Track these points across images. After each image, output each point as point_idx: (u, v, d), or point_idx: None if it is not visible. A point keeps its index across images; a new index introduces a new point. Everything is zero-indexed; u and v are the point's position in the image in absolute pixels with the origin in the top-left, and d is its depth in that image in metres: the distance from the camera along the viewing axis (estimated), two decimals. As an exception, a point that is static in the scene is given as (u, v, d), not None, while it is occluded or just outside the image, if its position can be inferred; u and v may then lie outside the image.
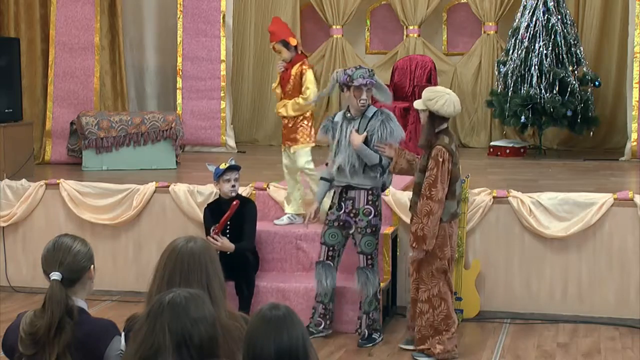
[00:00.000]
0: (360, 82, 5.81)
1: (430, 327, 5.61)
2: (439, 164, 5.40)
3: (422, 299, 5.61)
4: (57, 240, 3.12)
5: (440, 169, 5.39)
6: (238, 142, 10.43)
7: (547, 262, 6.63)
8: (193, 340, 2.51)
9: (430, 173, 5.41)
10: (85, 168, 8.67)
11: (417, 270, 5.64)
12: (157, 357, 2.51)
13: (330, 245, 6.03)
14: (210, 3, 10.03)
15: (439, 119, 5.47)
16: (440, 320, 5.60)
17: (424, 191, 5.42)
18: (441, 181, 5.40)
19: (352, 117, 5.93)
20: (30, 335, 2.96)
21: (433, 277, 5.57)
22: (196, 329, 2.53)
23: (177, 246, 2.99)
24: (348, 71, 5.90)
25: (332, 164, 5.99)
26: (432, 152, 5.43)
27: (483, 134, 10.71)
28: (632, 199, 6.50)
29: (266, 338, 2.53)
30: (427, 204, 5.40)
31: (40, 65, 9.55)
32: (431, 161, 5.42)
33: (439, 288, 5.58)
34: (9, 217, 7.50)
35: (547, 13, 9.14)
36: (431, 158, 5.42)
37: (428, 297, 5.59)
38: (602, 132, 10.02)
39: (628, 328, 6.35)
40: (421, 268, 5.60)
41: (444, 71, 10.78)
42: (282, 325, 2.57)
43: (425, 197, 5.41)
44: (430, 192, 5.40)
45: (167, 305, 2.58)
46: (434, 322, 5.60)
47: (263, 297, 6.34)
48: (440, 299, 5.58)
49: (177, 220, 7.21)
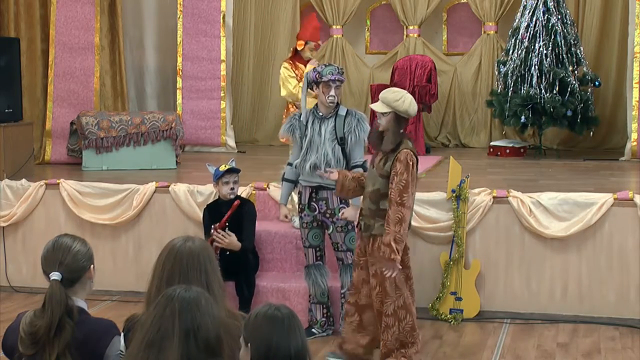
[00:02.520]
0: (329, 77, 5.76)
1: (396, 341, 5.28)
2: (409, 168, 5.06)
3: (388, 312, 5.25)
4: (57, 240, 3.12)
5: (410, 174, 5.06)
6: (238, 142, 10.43)
7: (547, 262, 6.63)
8: (201, 332, 2.51)
9: (401, 178, 5.04)
10: (85, 168, 8.67)
11: (381, 283, 5.23)
12: (163, 342, 2.52)
13: (316, 246, 6.03)
14: (210, 3, 10.03)
15: (405, 120, 5.22)
16: (406, 333, 5.28)
17: (395, 197, 5.03)
18: (412, 186, 5.08)
19: (324, 116, 5.85)
20: (30, 335, 2.97)
21: (397, 288, 5.23)
22: (205, 322, 2.53)
23: (176, 246, 2.99)
24: (318, 68, 5.86)
25: (301, 164, 5.88)
26: (400, 156, 5.07)
27: (483, 134, 10.72)
28: (632, 199, 6.50)
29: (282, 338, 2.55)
30: (399, 211, 5.03)
31: (40, 65, 9.56)
32: (399, 165, 5.06)
33: (403, 299, 5.25)
34: (9, 217, 7.50)
35: (547, 13, 9.14)
36: (399, 162, 5.06)
37: (394, 309, 5.25)
38: (602, 132, 10.03)
39: (628, 328, 6.35)
40: (385, 280, 5.20)
41: (444, 71, 10.78)
42: (295, 324, 2.60)
43: (396, 204, 5.02)
44: (402, 199, 5.03)
45: (179, 294, 2.60)
46: (400, 336, 5.28)
47: (263, 297, 6.34)
48: (405, 311, 5.26)
49: (177, 220, 7.21)
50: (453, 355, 5.83)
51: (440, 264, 6.60)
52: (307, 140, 5.85)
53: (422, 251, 6.72)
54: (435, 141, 10.82)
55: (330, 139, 5.81)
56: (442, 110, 10.87)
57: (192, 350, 2.50)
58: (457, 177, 6.62)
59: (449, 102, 10.89)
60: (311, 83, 5.88)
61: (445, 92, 10.79)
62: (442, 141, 10.88)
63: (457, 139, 10.83)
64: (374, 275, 5.26)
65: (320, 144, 5.80)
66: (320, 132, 5.82)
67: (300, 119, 5.93)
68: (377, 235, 5.17)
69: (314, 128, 5.84)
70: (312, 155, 5.81)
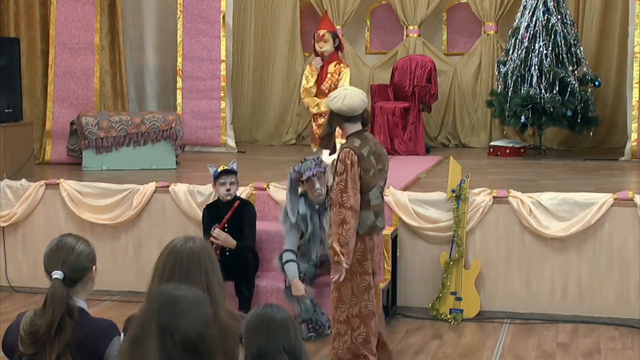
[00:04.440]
0: (308, 174, 5.88)
1: (347, 351, 5.09)
2: (348, 167, 4.87)
3: (341, 319, 5.07)
4: (60, 240, 3.13)
5: (349, 173, 4.86)
6: (238, 142, 10.43)
7: (547, 262, 6.63)
8: (177, 330, 2.50)
9: (341, 178, 4.87)
10: (85, 168, 8.67)
11: (336, 288, 5.05)
12: (144, 338, 2.53)
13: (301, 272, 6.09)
14: (210, 3, 10.03)
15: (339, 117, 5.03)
16: (359, 343, 5.06)
17: (336, 198, 4.87)
18: (352, 187, 4.86)
19: (319, 208, 6.03)
20: (31, 335, 2.97)
21: (353, 295, 5.03)
22: (183, 321, 2.52)
23: (176, 246, 3.00)
24: (296, 167, 5.97)
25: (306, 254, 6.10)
26: (341, 155, 4.92)
27: (483, 134, 10.72)
28: (632, 199, 6.50)
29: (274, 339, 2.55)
30: (340, 212, 4.84)
31: (40, 65, 9.55)
32: (339, 165, 4.89)
33: (359, 308, 5.04)
34: (9, 217, 7.50)
35: (547, 13, 9.14)
36: (340, 162, 4.90)
37: (347, 317, 5.05)
38: (602, 132, 10.02)
39: (628, 328, 6.35)
40: (341, 286, 5.01)
41: (444, 71, 10.78)
42: (288, 325, 2.59)
43: (337, 205, 4.86)
44: (342, 199, 4.84)
45: (161, 292, 2.60)
46: (352, 346, 5.07)
47: (263, 297, 6.34)
48: (359, 320, 5.05)
49: (177, 220, 7.21)
50: (453, 355, 5.83)
51: (440, 264, 6.61)
52: (309, 233, 6.06)
53: (422, 251, 6.73)
54: (435, 141, 10.82)
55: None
56: (442, 110, 10.86)
57: (169, 347, 2.49)
58: (457, 177, 6.62)
59: (449, 102, 10.89)
60: (294, 183, 5.98)
61: (445, 92, 10.78)
62: (442, 141, 10.87)
63: (457, 139, 10.83)
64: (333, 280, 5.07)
65: (325, 237, 5.94)
66: (322, 225, 6.02)
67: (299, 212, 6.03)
68: None
69: (314, 222, 6.05)
70: (315, 246, 6.07)
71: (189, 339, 2.50)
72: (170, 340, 2.49)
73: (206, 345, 2.54)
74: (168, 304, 2.54)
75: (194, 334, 2.51)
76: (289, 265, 6.03)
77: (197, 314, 2.54)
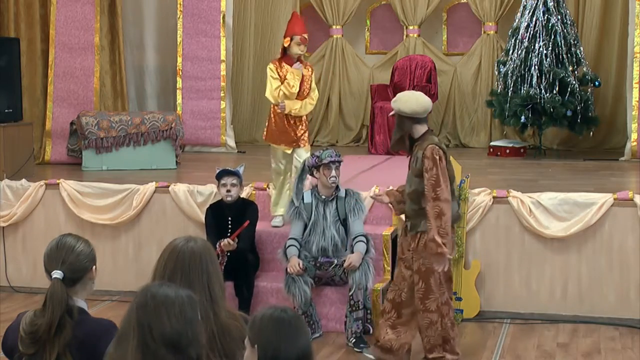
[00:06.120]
0: (329, 159, 6.05)
1: (439, 337, 5.33)
2: (437, 162, 5.12)
3: (432, 308, 5.28)
4: (60, 239, 3.12)
5: (439, 168, 5.11)
6: (238, 142, 10.43)
7: (547, 262, 6.63)
8: (155, 328, 2.51)
9: (431, 174, 5.10)
10: (85, 168, 8.67)
11: (424, 280, 5.26)
12: (127, 335, 2.56)
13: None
14: (210, 3, 10.03)
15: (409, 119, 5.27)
16: (448, 328, 5.34)
17: (429, 193, 5.10)
18: (444, 180, 5.11)
19: (326, 199, 6.15)
20: (31, 334, 2.96)
21: (441, 284, 5.28)
22: (161, 319, 2.53)
23: (178, 246, 3.00)
24: (317, 153, 6.13)
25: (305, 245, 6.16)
26: (427, 152, 5.14)
27: (483, 134, 10.71)
28: (632, 199, 6.50)
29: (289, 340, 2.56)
30: (436, 206, 5.08)
31: (40, 65, 9.55)
32: (427, 162, 5.13)
33: (447, 296, 5.32)
34: (9, 217, 7.50)
35: (547, 13, 9.14)
36: (426, 158, 5.12)
37: (437, 306, 5.28)
38: (602, 132, 10.02)
39: (628, 328, 6.35)
40: (429, 276, 5.25)
41: (444, 71, 10.78)
42: (301, 326, 2.62)
43: (432, 199, 5.09)
44: (436, 193, 5.08)
45: (142, 290, 2.63)
46: (443, 332, 5.32)
47: (263, 297, 6.34)
48: (448, 307, 5.32)
49: (177, 220, 7.21)
50: (453, 355, 5.83)
51: (440, 264, 6.60)
52: (312, 222, 6.15)
53: (422, 251, 6.72)
54: (435, 141, 10.80)
55: (334, 221, 6.15)
56: (442, 110, 10.86)
57: (149, 343, 2.51)
58: (457, 177, 6.61)
59: (448, 102, 10.88)
60: (311, 168, 6.12)
61: (445, 92, 10.78)
62: (442, 141, 10.86)
63: (457, 139, 10.83)
64: (417, 271, 5.29)
65: (326, 227, 6.12)
66: (325, 215, 6.14)
67: (305, 201, 6.17)
68: (423, 232, 5.22)
69: (318, 211, 6.16)
70: (316, 237, 6.14)
71: (168, 337, 2.51)
72: (150, 337, 2.51)
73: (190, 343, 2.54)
74: (146, 302, 2.56)
75: (173, 332, 2.52)
76: (290, 248, 6.15)
77: (177, 313, 2.55)
